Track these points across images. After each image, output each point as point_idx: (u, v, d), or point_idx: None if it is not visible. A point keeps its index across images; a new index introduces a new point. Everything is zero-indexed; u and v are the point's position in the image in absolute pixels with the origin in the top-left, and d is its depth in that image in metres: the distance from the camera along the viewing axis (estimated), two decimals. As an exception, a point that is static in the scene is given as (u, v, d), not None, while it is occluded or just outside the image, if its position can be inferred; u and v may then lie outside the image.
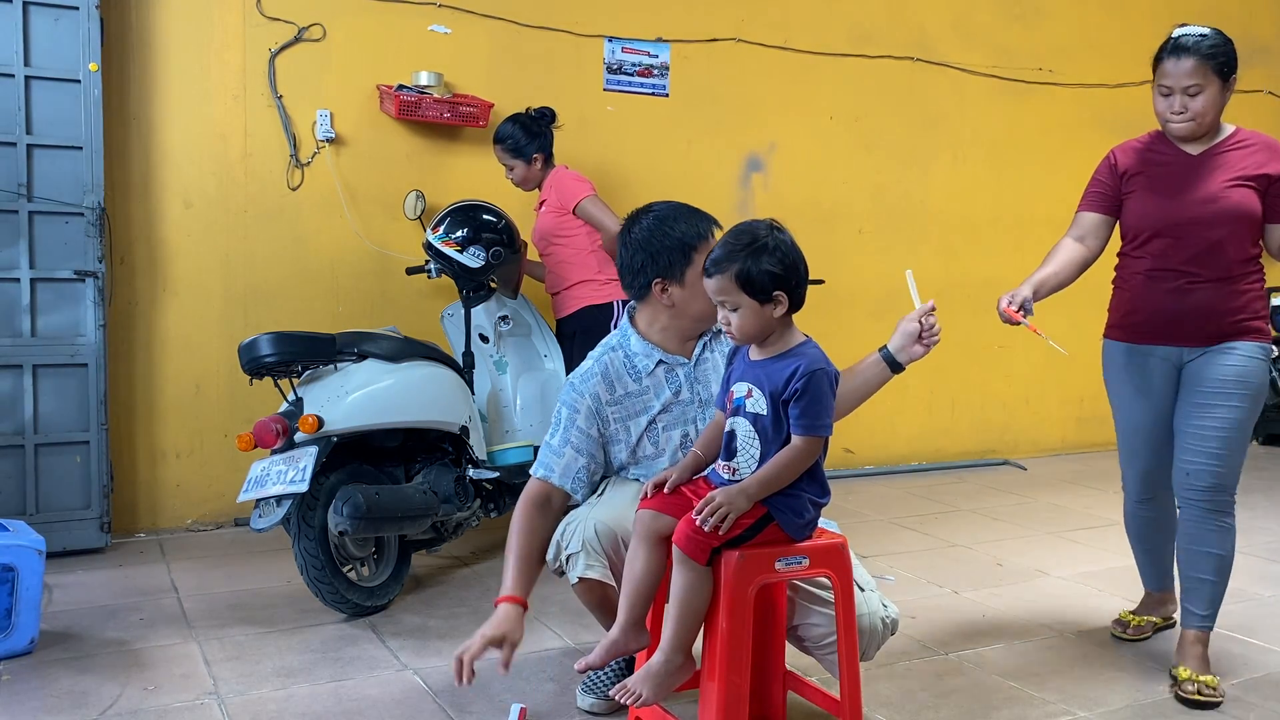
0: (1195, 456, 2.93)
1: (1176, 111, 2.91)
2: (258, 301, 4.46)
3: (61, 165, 3.94)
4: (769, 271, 2.10)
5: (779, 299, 2.12)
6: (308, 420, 3.19)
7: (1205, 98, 2.86)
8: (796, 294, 2.15)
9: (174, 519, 4.39)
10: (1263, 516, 4.95)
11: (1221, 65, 2.85)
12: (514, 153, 4.22)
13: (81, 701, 2.67)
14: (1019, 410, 6.28)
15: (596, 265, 4.17)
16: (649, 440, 2.56)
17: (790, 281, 2.12)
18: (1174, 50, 2.87)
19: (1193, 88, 2.86)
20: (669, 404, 2.55)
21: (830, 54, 5.62)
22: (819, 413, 2.09)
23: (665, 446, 2.56)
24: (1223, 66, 2.85)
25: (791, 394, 2.09)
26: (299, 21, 4.48)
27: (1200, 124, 2.90)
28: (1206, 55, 2.83)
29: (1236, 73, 2.89)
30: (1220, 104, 2.89)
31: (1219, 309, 2.91)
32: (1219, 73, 2.85)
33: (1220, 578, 2.92)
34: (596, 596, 2.48)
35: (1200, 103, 2.86)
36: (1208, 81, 2.84)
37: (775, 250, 2.12)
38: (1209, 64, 2.83)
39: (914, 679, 2.93)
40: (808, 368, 2.09)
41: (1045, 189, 6.31)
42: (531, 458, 3.99)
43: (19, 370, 3.90)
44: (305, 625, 3.26)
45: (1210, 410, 2.91)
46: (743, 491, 2.08)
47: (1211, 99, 2.86)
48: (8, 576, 2.90)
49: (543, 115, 4.28)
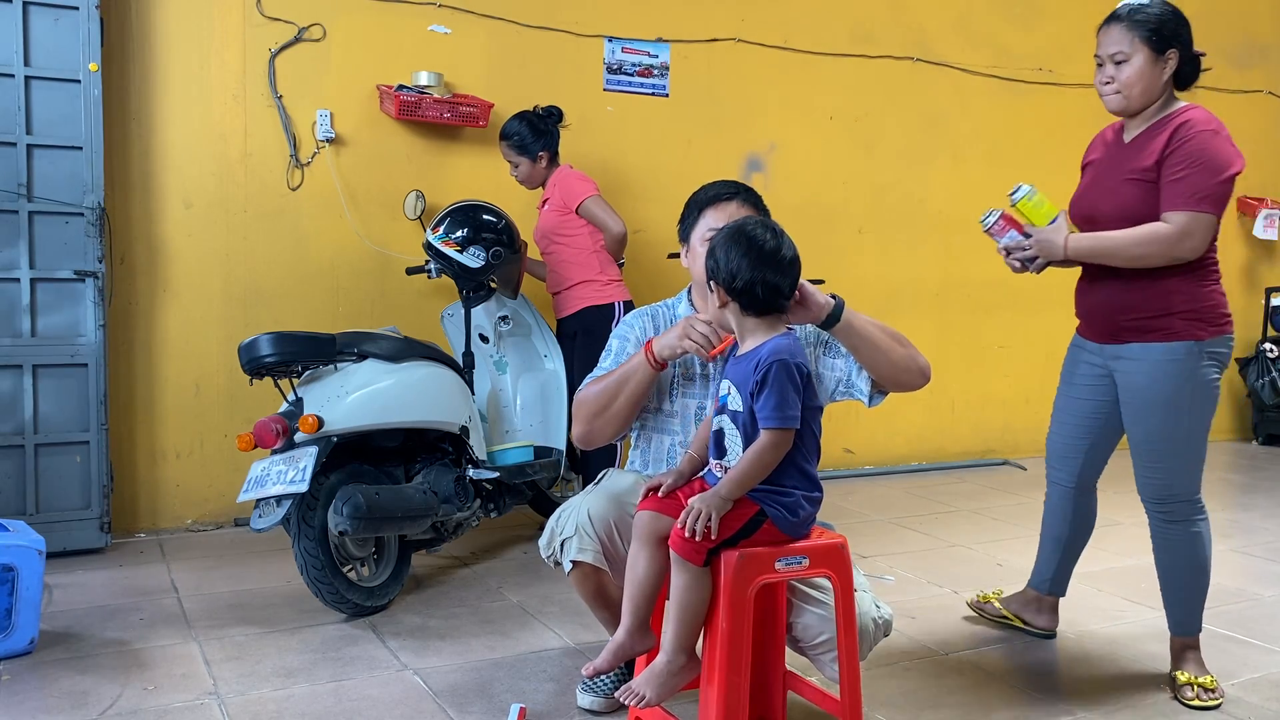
0: (1138, 469, 2.91)
1: (1105, 82, 2.81)
2: (258, 301, 4.46)
3: (61, 165, 3.94)
4: (709, 263, 2.19)
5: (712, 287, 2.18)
6: (308, 420, 3.19)
7: (1132, 68, 2.74)
8: (736, 293, 2.15)
9: (174, 519, 4.39)
10: (1263, 517, 4.95)
11: (1151, 34, 2.72)
12: (519, 149, 4.22)
13: (81, 701, 2.66)
14: (1019, 410, 6.28)
15: (598, 265, 4.17)
16: (669, 395, 2.57)
17: (721, 278, 2.16)
18: (1106, 19, 2.79)
19: (1118, 54, 2.75)
20: (692, 373, 2.56)
21: (830, 54, 5.62)
22: (780, 404, 2.08)
23: (679, 410, 2.57)
24: (1153, 35, 2.72)
25: (754, 387, 2.10)
26: (299, 21, 4.48)
27: (1128, 96, 2.78)
28: (1136, 22, 2.73)
29: (1178, 50, 2.75)
30: (1151, 77, 2.75)
31: (1114, 305, 2.84)
32: (1148, 41, 2.72)
33: (1194, 584, 2.87)
34: (592, 585, 2.48)
35: (1126, 72, 2.75)
36: (1135, 49, 2.73)
37: (716, 246, 2.18)
38: (1136, 31, 2.72)
39: (914, 679, 2.93)
40: (767, 359, 2.10)
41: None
42: (532, 458, 4.01)
43: (19, 370, 3.90)
44: (305, 625, 3.26)
45: (1136, 423, 2.87)
46: (716, 493, 2.09)
47: (1139, 70, 2.74)
48: (8, 576, 2.90)
49: (550, 114, 4.28)
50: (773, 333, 2.18)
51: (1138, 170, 2.77)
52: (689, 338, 2.33)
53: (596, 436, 2.53)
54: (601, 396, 2.49)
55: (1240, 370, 7.00)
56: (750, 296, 2.15)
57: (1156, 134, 2.77)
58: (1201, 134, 2.70)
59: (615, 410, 2.48)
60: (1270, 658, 3.13)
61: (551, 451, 4.18)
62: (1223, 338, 2.81)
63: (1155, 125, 2.80)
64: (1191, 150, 2.68)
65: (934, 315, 5.96)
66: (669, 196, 5.28)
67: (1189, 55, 2.79)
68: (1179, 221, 2.67)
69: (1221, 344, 2.81)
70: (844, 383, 2.47)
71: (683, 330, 2.35)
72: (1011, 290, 6.23)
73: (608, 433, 2.52)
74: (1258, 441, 6.97)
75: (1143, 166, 2.76)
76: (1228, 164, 2.70)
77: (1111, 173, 2.87)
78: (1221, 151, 2.70)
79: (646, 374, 2.44)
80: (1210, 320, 2.78)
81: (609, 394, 2.48)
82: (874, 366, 2.39)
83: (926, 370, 2.44)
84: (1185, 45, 2.77)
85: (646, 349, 2.42)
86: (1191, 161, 2.67)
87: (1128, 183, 2.79)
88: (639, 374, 2.45)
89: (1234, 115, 2.95)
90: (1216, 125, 2.75)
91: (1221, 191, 2.70)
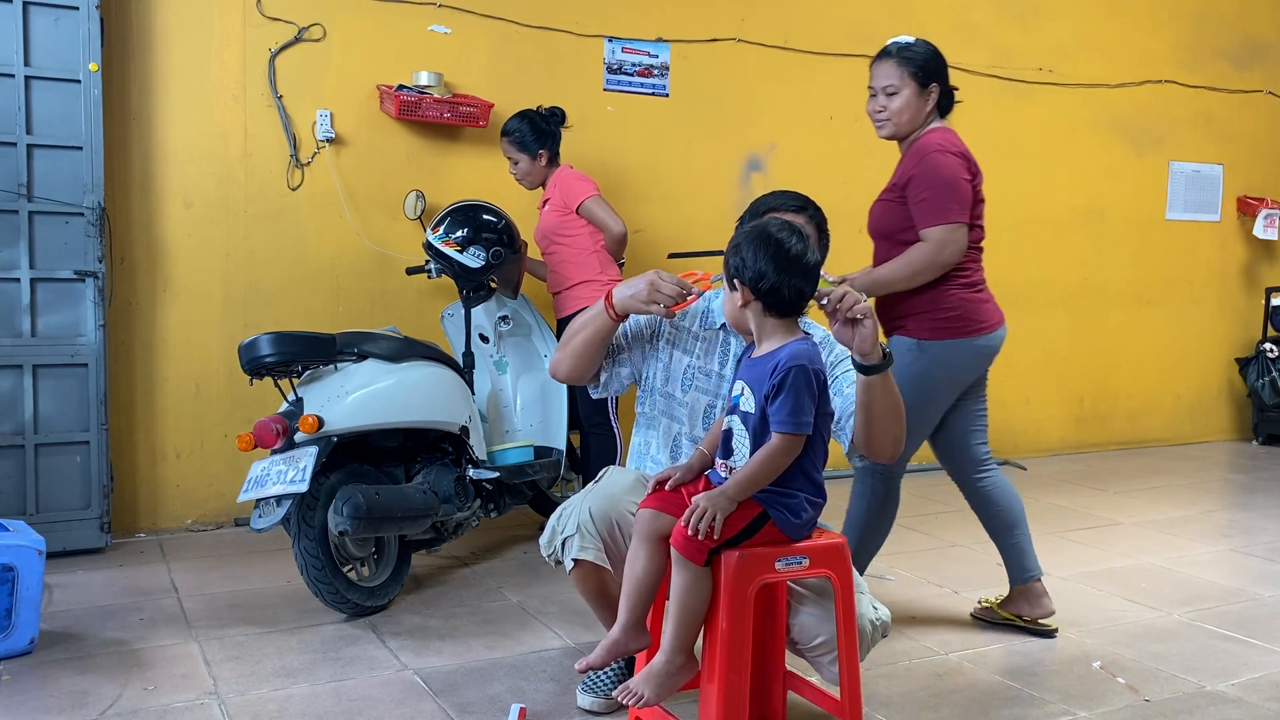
0: None
1: (876, 111, 3.16)
2: (258, 301, 4.46)
3: (61, 165, 3.93)
4: (732, 261, 2.19)
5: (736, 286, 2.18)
6: (308, 420, 3.19)
7: (900, 99, 3.10)
8: (762, 294, 2.15)
9: (174, 519, 4.39)
10: (1263, 516, 4.95)
11: (918, 70, 3.08)
12: (519, 146, 4.22)
13: (81, 701, 2.67)
14: (1019, 410, 6.29)
15: (599, 265, 4.17)
16: (682, 384, 2.58)
17: (746, 277, 2.15)
18: (878, 55, 3.15)
19: (889, 87, 3.11)
20: (709, 369, 2.56)
21: (830, 54, 5.62)
22: (795, 409, 2.07)
23: (690, 402, 2.58)
24: (919, 71, 3.08)
25: (769, 390, 2.10)
26: (299, 21, 4.48)
27: (897, 123, 3.13)
28: (904, 59, 3.09)
29: (939, 85, 3.11)
30: (916, 107, 3.10)
31: (881, 309, 3.17)
32: (915, 76, 3.08)
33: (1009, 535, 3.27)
34: (593, 584, 2.49)
35: (896, 103, 3.11)
36: (904, 84, 3.09)
37: (742, 245, 2.18)
38: (905, 67, 3.08)
39: (914, 679, 2.93)
40: (786, 364, 2.09)
41: (1045, 189, 6.31)
42: (532, 458, 4.01)
43: (19, 370, 3.90)
44: (305, 625, 3.26)
45: None
46: (723, 493, 2.09)
47: (906, 101, 3.09)
48: (8, 576, 2.90)
49: (553, 114, 4.28)
50: (791, 336, 2.18)
51: (891, 189, 3.15)
52: (655, 302, 2.38)
53: (556, 369, 2.64)
54: (568, 333, 2.59)
55: (1240, 370, 7.00)
56: (776, 297, 2.15)
57: (907, 157, 3.14)
58: (933, 155, 3.05)
59: (571, 348, 2.57)
60: (1270, 658, 3.13)
61: (551, 451, 4.18)
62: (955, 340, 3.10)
63: (910, 150, 3.15)
64: (927, 171, 3.04)
65: (934, 315, 5.95)
66: (669, 196, 5.29)
67: (946, 89, 3.17)
68: (934, 236, 3.04)
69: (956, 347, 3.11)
70: (836, 421, 2.43)
71: (648, 293, 2.39)
72: (1012, 290, 6.22)
73: (564, 368, 2.61)
74: (1258, 441, 6.97)
75: (894, 185, 3.13)
76: (955, 177, 3.04)
77: (883, 191, 3.21)
78: (950, 168, 3.04)
79: (604, 323, 2.50)
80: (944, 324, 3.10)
81: (571, 331, 2.58)
82: (867, 424, 2.32)
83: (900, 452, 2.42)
84: (944, 79, 3.16)
85: (607, 300, 2.47)
86: (928, 182, 3.03)
87: (882, 201, 3.19)
88: (596, 322, 2.51)
89: (1234, 115, 2.97)
90: (948, 144, 3.08)
91: (960, 201, 3.05)
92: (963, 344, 3.12)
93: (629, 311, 2.45)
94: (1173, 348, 6.88)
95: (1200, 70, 6.73)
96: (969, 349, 3.14)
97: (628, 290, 2.42)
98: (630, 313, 2.46)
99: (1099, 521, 4.81)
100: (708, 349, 2.57)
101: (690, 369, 2.58)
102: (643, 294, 2.39)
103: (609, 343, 2.57)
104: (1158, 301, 6.79)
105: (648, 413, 2.65)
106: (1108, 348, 6.61)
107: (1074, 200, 6.44)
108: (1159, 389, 6.84)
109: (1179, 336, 6.90)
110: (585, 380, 2.63)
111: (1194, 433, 7.02)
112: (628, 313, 2.46)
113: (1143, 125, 6.61)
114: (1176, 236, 6.81)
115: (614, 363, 2.63)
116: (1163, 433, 6.88)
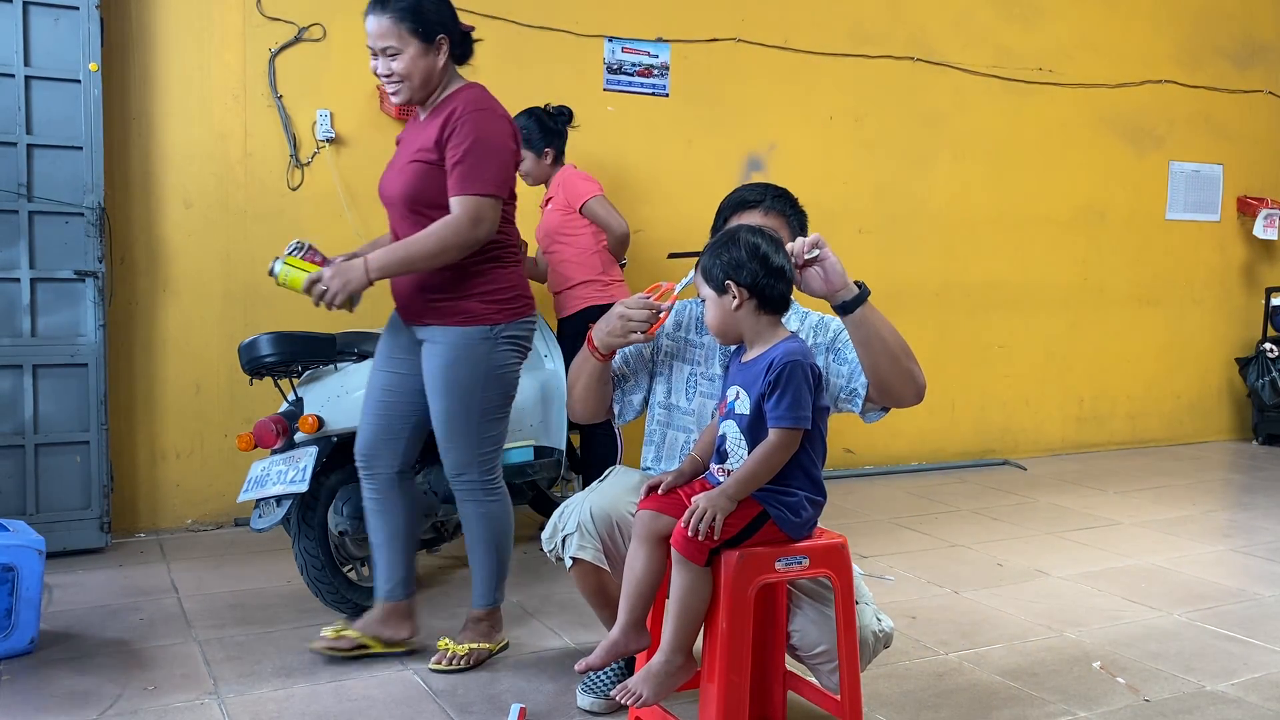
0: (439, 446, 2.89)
1: (383, 74, 2.79)
2: (258, 301, 4.46)
3: (61, 165, 3.93)
4: (721, 264, 2.17)
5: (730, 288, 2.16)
6: (308, 420, 3.19)
7: (405, 60, 2.74)
8: (757, 291, 2.15)
9: (174, 519, 4.39)
10: (1263, 516, 4.95)
11: (418, 25, 2.73)
12: (524, 143, 4.22)
13: (81, 701, 2.66)
14: (1019, 410, 6.29)
15: (601, 265, 4.17)
16: (686, 392, 2.57)
17: (743, 277, 2.15)
18: (369, 7, 2.75)
19: (390, 49, 2.74)
20: (712, 373, 2.56)
21: (830, 54, 5.62)
22: (794, 403, 2.08)
23: (696, 409, 2.56)
24: (418, 28, 2.73)
25: (766, 387, 2.10)
26: (299, 21, 4.48)
27: (410, 87, 2.78)
28: (398, 16, 2.72)
29: (447, 34, 2.79)
30: (428, 66, 2.77)
31: (418, 285, 2.84)
32: (415, 34, 2.73)
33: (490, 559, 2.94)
34: (592, 583, 2.49)
35: (401, 64, 2.74)
36: (405, 43, 2.73)
37: (729, 248, 2.17)
38: (402, 25, 2.72)
39: (914, 679, 2.93)
40: (781, 360, 2.10)
41: (1045, 189, 6.31)
42: (532, 458, 4.00)
43: (19, 370, 3.90)
44: (305, 625, 3.26)
45: (434, 401, 2.86)
46: (723, 493, 2.09)
47: (413, 61, 2.75)
48: (8, 576, 2.90)
49: (561, 114, 4.28)
50: (779, 335, 2.19)
51: (420, 150, 2.78)
52: (632, 331, 2.34)
53: (572, 413, 2.62)
54: (570, 379, 2.57)
55: (1240, 370, 7.00)
56: (771, 293, 2.16)
57: (438, 115, 2.79)
58: (474, 114, 2.74)
59: (576, 395, 2.56)
60: (1270, 658, 3.13)
61: (551, 451, 4.17)
62: (521, 321, 2.87)
63: (439, 106, 2.82)
64: (465, 132, 2.71)
65: (934, 315, 5.95)
66: (669, 196, 5.29)
67: (460, 35, 2.84)
68: (468, 206, 2.70)
69: (519, 327, 2.89)
70: (845, 389, 2.44)
71: (622, 326, 2.35)
72: (1011, 290, 6.24)
73: (577, 412, 2.59)
74: (1258, 441, 6.97)
75: (424, 147, 2.77)
76: (503, 145, 2.76)
77: (403, 153, 2.88)
78: (495, 131, 2.75)
79: (595, 366, 2.48)
80: (508, 303, 2.84)
81: (571, 378, 2.56)
82: (875, 368, 2.32)
83: (923, 388, 2.38)
84: (452, 26, 2.81)
85: (589, 344, 2.45)
86: (468, 145, 2.70)
87: (412, 164, 2.81)
88: (587, 367, 2.49)
89: (1234, 115, 2.97)
90: (489, 104, 2.80)
91: (502, 174, 2.76)
92: (528, 323, 2.90)
93: (612, 349, 2.44)
94: (1172, 348, 6.88)
95: (1200, 70, 6.73)
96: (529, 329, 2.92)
97: (604, 328, 2.40)
98: (615, 349, 2.45)
99: (1099, 521, 4.81)
100: (708, 354, 2.57)
101: (693, 376, 2.57)
102: (617, 329, 2.36)
103: (610, 378, 2.56)
104: (1157, 301, 6.79)
105: (650, 429, 2.64)
106: (1107, 348, 6.61)
107: (1074, 200, 6.44)
108: (1159, 389, 6.85)
109: (1179, 336, 6.90)
110: (604, 416, 2.61)
111: (1194, 433, 7.02)
112: (612, 350, 2.45)
113: (1143, 125, 6.61)
114: (1176, 236, 6.81)
115: (623, 392, 2.62)
116: (1162, 433, 6.88)
